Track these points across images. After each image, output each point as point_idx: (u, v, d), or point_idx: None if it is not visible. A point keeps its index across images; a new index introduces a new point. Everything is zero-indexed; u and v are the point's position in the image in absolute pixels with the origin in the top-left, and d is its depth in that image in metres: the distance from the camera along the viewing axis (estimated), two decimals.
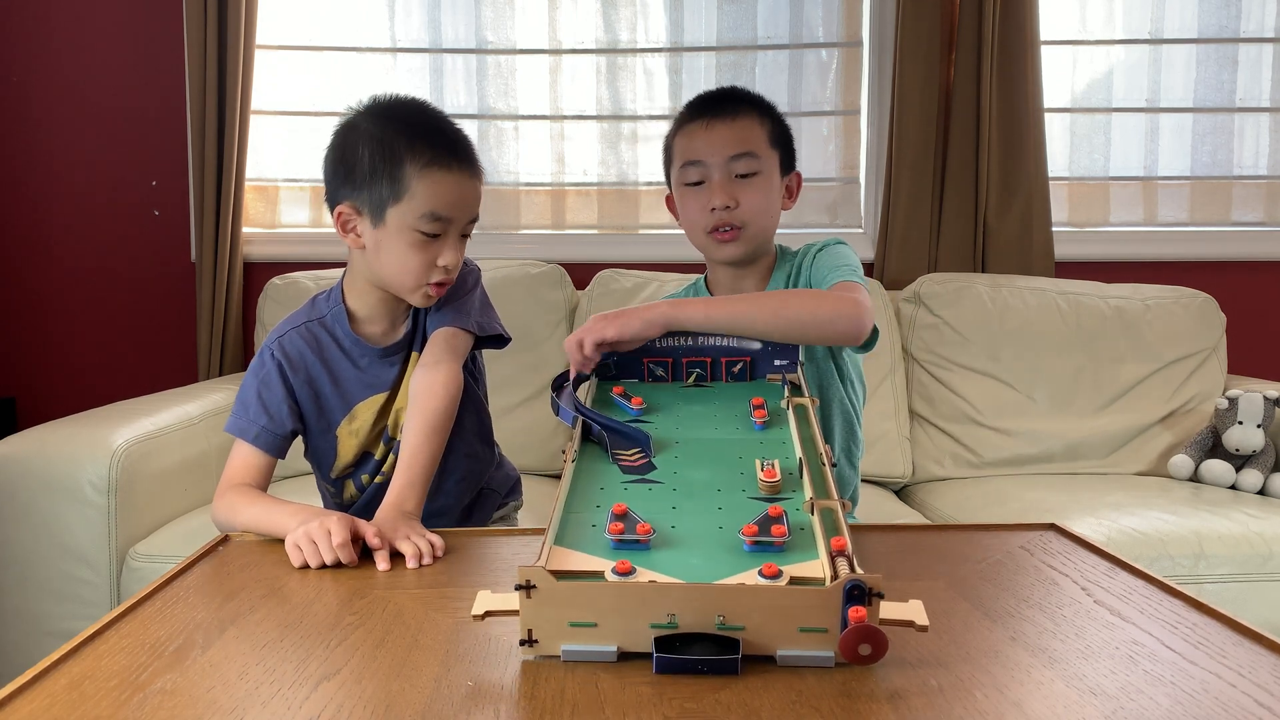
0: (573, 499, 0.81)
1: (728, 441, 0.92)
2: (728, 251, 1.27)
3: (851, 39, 2.48)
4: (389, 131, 1.08)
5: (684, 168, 1.27)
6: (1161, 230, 2.49)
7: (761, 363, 1.09)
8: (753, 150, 1.24)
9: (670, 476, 0.85)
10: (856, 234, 2.51)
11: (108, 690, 0.64)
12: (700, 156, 1.25)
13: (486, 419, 1.32)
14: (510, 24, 2.49)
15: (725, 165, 1.23)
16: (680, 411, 1.00)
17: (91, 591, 1.57)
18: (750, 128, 1.25)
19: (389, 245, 1.10)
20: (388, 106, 1.13)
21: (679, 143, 1.28)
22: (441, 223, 1.09)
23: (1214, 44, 2.46)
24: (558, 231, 2.53)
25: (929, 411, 2.19)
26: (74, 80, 2.42)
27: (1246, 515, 1.69)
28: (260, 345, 2.15)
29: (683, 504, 0.80)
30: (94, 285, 2.47)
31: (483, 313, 1.22)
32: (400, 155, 1.07)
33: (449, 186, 1.08)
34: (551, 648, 0.67)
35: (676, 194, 1.31)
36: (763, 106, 1.28)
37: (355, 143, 1.10)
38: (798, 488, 0.82)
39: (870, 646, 0.63)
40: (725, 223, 1.24)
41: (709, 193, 1.24)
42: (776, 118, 1.29)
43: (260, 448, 1.14)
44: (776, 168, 1.27)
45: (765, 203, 1.25)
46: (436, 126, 1.11)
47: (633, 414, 0.99)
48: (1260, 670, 0.65)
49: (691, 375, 1.10)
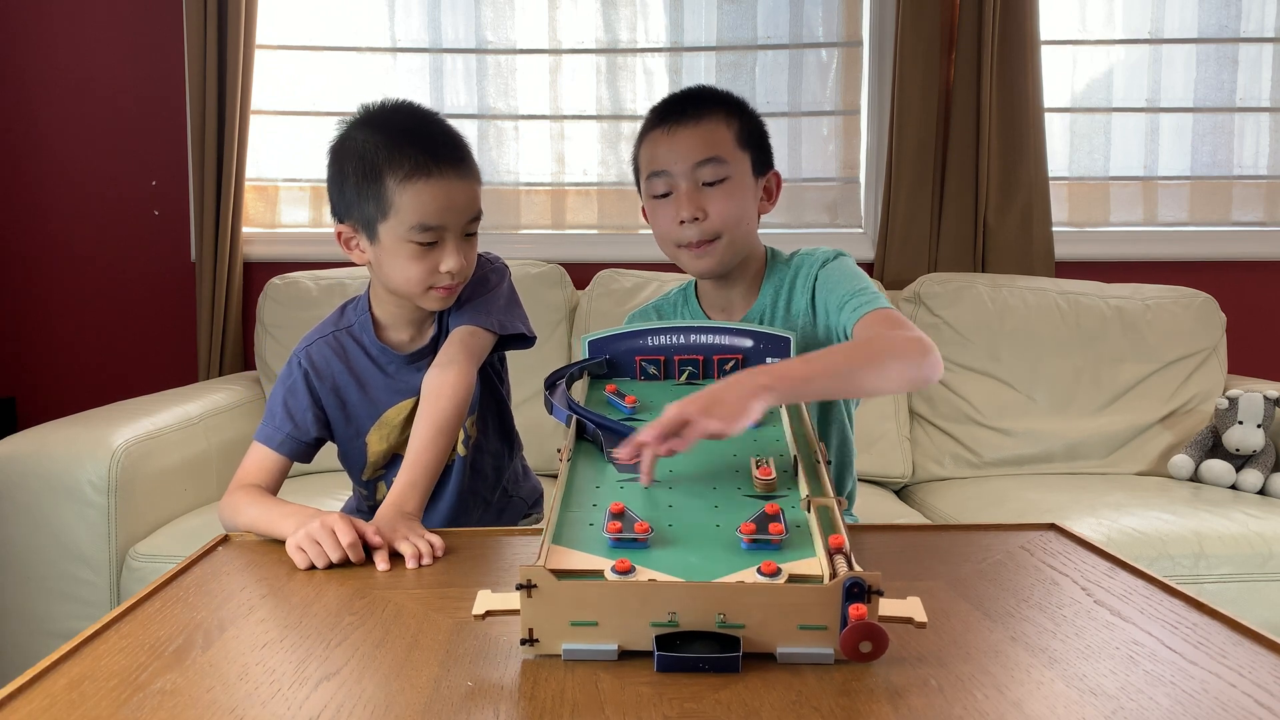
0: (569, 498, 0.81)
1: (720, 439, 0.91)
2: (702, 265, 1.19)
3: (851, 39, 2.48)
4: (370, 146, 1.07)
5: (650, 179, 1.19)
6: (1161, 230, 2.49)
7: (754, 360, 1.08)
8: (718, 155, 1.15)
9: (664, 474, 0.85)
10: (856, 234, 2.51)
11: (107, 690, 0.64)
12: (664, 166, 1.17)
13: (509, 417, 1.31)
14: (510, 24, 2.49)
15: (691, 173, 1.15)
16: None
17: (91, 591, 1.57)
18: (715, 130, 1.16)
19: (388, 259, 1.10)
20: (375, 116, 1.11)
21: (644, 152, 1.21)
22: (434, 231, 1.08)
23: (1214, 44, 2.46)
24: (558, 231, 2.53)
25: (929, 411, 2.19)
26: (74, 80, 2.42)
27: (1246, 515, 1.69)
28: (257, 343, 2.20)
29: (679, 502, 0.80)
30: (94, 285, 2.47)
31: (506, 311, 1.20)
32: (380, 171, 1.06)
33: (433, 194, 1.06)
34: (552, 647, 0.67)
35: (646, 206, 1.23)
36: (730, 105, 1.20)
37: (344, 160, 1.09)
38: (793, 486, 0.82)
39: (871, 644, 0.63)
40: (696, 238, 1.16)
41: (676, 204, 1.16)
42: (747, 115, 1.21)
43: (283, 454, 1.15)
44: (748, 170, 1.19)
45: (737, 209, 1.17)
46: (417, 133, 1.08)
47: (626, 412, 0.99)
48: (1260, 670, 0.65)
49: (684, 373, 1.09)
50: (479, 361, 1.17)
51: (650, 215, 1.23)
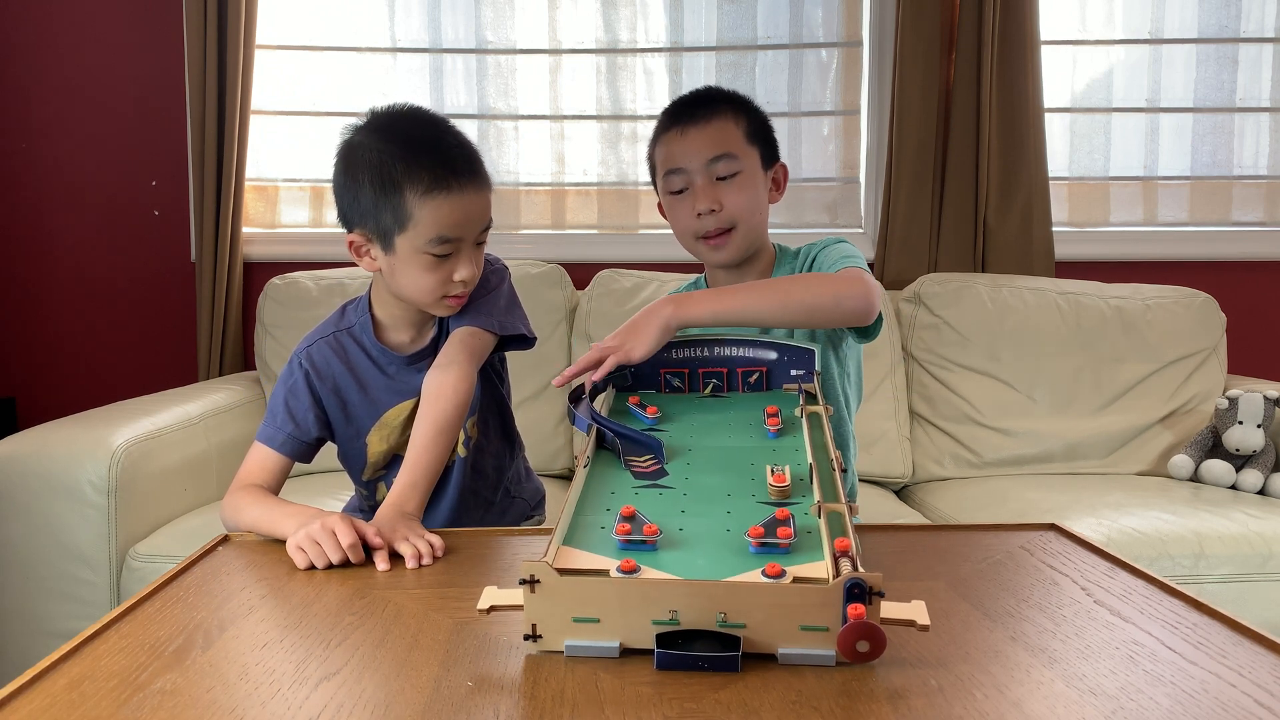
0: (584, 503, 0.81)
1: (740, 449, 0.91)
2: (721, 256, 1.27)
3: (851, 39, 2.48)
4: (386, 157, 1.06)
5: (666, 176, 1.27)
6: (1161, 230, 2.49)
7: (778, 373, 1.09)
8: (730, 151, 1.23)
9: (681, 482, 0.85)
10: (856, 234, 2.51)
11: (107, 690, 0.64)
12: (680, 164, 1.25)
13: (509, 418, 1.32)
14: (510, 24, 2.49)
15: (705, 169, 1.23)
16: (695, 420, 1.00)
17: (91, 591, 1.57)
18: (725, 128, 1.24)
19: (403, 269, 1.10)
20: (386, 123, 1.10)
21: (659, 153, 1.28)
22: (451, 243, 1.08)
23: (1214, 44, 2.46)
24: (558, 231, 2.53)
25: (929, 411, 2.19)
26: (74, 80, 2.42)
27: (1246, 515, 1.69)
28: (257, 343, 2.20)
29: (692, 508, 0.80)
30: (94, 285, 2.47)
31: (506, 312, 1.21)
32: (399, 184, 1.05)
33: (452, 208, 1.06)
34: (555, 643, 0.67)
35: (664, 203, 1.31)
36: (737, 103, 1.27)
37: (356, 169, 1.08)
38: (808, 493, 0.82)
39: (869, 644, 0.62)
40: (714, 228, 1.24)
41: (693, 198, 1.24)
42: (753, 112, 1.28)
43: (284, 454, 1.15)
44: (758, 163, 1.27)
45: (750, 201, 1.25)
46: (434, 145, 1.07)
47: (648, 423, 0.99)
48: (1260, 670, 0.65)
49: (708, 386, 1.09)
50: (479, 362, 1.17)
51: (668, 211, 1.30)
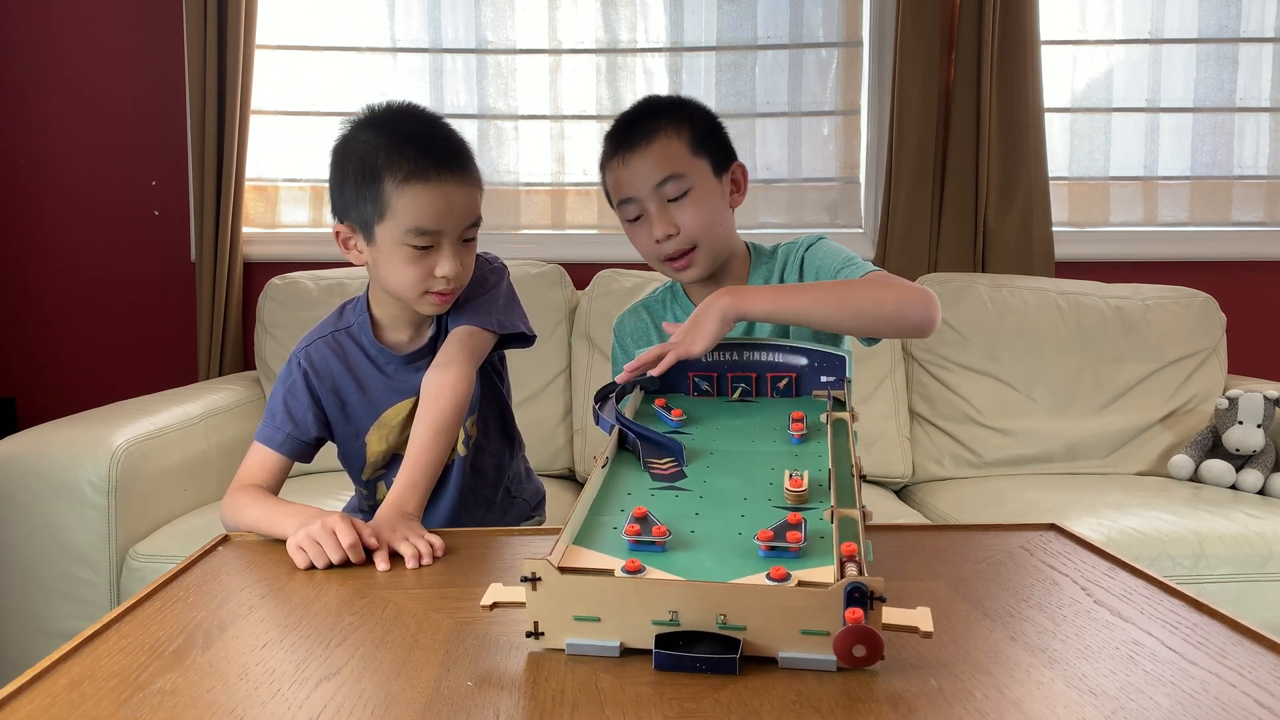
0: (599, 503, 0.81)
1: (762, 453, 0.90)
2: (689, 275, 1.23)
3: (851, 39, 2.48)
4: (370, 148, 1.07)
5: (620, 206, 1.23)
6: (1161, 230, 2.49)
7: (808, 379, 1.07)
8: (676, 170, 1.18)
9: (699, 485, 0.84)
10: (856, 234, 2.51)
11: (107, 690, 0.64)
12: (628, 193, 1.20)
13: (509, 417, 1.32)
14: (510, 24, 2.49)
15: (654, 194, 1.18)
16: (719, 424, 0.99)
17: (91, 591, 1.56)
18: (667, 146, 1.18)
19: (384, 261, 1.10)
20: (378, 118, 1.11)
21: (608, 180, 1.24)
22: (430, 235, 1.07)
23: (1214, 44, 2.46)
24: (558, 231, 2.53)
25: (929, 411, 2.19)
26: (74, 80, 2.42)
27: (1246, 515, 1.69)
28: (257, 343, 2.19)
29: (706, 510, 0.79)
30: (94, 285, 2.47)
31: (505, 311, 1.20)
32: (378, 172, 1.05)
33: (431, 199, 1.06)
34: (557, 641, 0.67)
35: (624, 229, 1.27)
36: (677, 113, 1.21)
37: (345, 161, 1.09)
38: (825, 498, 0.82)
39: (865, 649, 0.62)
40: (675, 250, 1.20)
41: (649, 224, 1.20)
42: (696, 119, 1.22)
43: (284, 454, 1.15)
44: (708, 174, 1.21)
45: (707, 216, 1.19)
46: (419, 136, 1.07)
47: (672, 425, 0.98)
48: (1260, 670, 0.65)
49: (736, 390, 1.08)
50: (479, 361, 1.17)
51: (630, 236, 1.26)
